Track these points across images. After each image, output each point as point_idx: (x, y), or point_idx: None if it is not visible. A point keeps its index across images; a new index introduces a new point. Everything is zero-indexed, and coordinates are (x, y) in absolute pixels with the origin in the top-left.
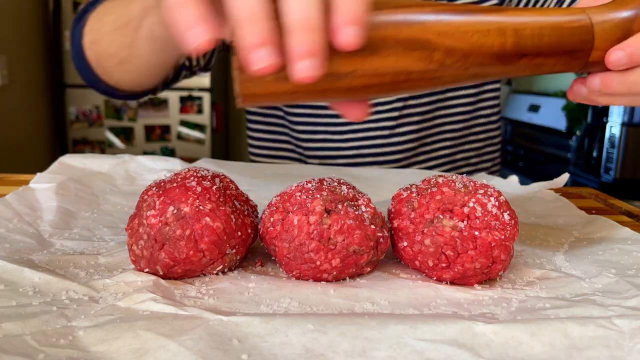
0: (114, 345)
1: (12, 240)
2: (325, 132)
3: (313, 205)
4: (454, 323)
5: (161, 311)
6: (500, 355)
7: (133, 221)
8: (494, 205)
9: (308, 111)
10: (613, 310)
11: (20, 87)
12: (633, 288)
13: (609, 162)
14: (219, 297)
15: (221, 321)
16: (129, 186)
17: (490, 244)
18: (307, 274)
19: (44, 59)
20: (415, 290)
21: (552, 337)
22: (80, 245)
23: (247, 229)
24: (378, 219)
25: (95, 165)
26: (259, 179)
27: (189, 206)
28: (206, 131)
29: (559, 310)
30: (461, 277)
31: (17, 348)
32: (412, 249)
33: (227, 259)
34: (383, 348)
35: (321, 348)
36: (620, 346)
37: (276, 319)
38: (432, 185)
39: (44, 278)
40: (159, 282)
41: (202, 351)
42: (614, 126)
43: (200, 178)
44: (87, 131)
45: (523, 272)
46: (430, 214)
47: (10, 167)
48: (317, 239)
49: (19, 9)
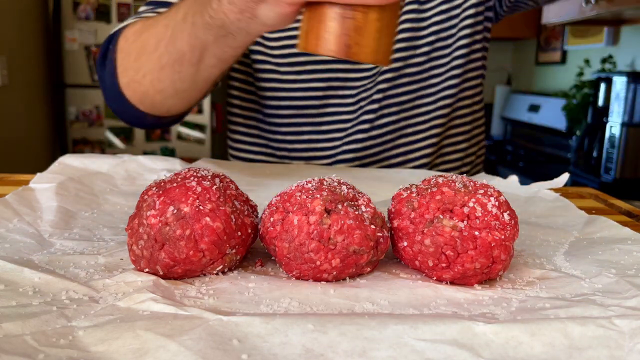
0: (114, 345)
1: (12, 240)
2: (310, 132)
3: (313, 205)
4: (454, 323)
5: (161, 311)
6: (500, 355)
7: (133, 221)
8: (494, 205)
9: (292, 112)
10: (613, 310)
11: (20, 87)
12: (633, 288)
13: (609, 162)
14: (219, 297)
15: (221, 321)
16: (129, 186)
17: (490, 244)
18: (307, 274)
19: (44, 59)
20: (415, 290)
21: (552, 337)
22: (80, 245)
23: (247, 229)
24: (378, 219)
25: (95, 165)
26: (259, 179)
27: (189, 206)
28: (206, 131)
29: (559, 310)
30: (461, 277)
31: (17, 348)
32: (412, 249)
33: (227, 259)
34: (383, 348)
35: (321, 348)
36: (620, 346)
37: (276, 319)
38: (432, 185)
39: (44, 278)
40: (159, 282)
41: (202, 351)
42: (614, 126)
43: (200, 178)
44: (87, 131)
45: (523, 272)
46: (430, 214)
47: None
48: (317, 239)
49: (19, 9)
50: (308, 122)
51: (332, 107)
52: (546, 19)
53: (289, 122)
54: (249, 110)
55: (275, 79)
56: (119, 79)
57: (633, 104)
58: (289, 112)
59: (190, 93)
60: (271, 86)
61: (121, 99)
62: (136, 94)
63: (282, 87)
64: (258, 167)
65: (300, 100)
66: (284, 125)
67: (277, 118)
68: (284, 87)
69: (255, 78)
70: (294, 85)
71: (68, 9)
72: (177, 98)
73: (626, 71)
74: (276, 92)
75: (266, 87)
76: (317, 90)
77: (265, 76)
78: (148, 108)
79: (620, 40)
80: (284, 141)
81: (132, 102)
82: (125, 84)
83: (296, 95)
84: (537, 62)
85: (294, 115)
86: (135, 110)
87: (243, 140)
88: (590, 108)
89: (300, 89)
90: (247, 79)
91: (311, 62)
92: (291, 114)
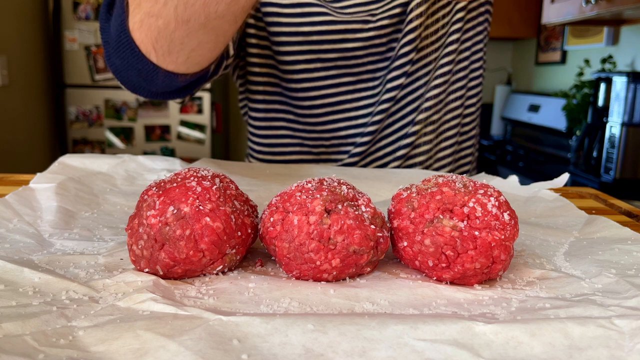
0: (114, 345)
1: (12, 240)
2: (345, 127)
3: (313, 205)
4: (454, 323)
5: (161, 311)
6: (500, 355)
7: (133, 221)
8: (494, 205)
9: (327, 110)
10: (613, 310)
11: (20, 87)
12: (633, 288)
13: (609, 162)
14: (219, 297)
15: (221, 321)
16: (129, 186)
17: (490, 244)
18: (307, 274)
19: (44, 59)
20: (415, 290)
21: (552, 337)
22: (80, 245)
23: (247, 229)
24: (378, 219)
25: (95, 165)
26: (259, 179)
27: (189, 206)
28: (206, 131)
29: (559, 310)
30: (461, 277)
31: (17, 348)
32: (412, 249)
33: (227, 259)
34: (383, 348)
35: (321, 348)
36: (620, 346)
37: (276, 319)
38: (432, 185)
39: (44, 278)
40: (159, 282)
41: (202, 351)
42: (614, 126)
43: (200, 178)
44: (87, 131)
45: (523, 272)
46: (430, 214)
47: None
48: (317, 239)
49: (19, 9)
50: (342, 117)
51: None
52: (546, 19)
53: (324, 120)
54: (275, 112)
55: (303, 68)
56: (130, 19)
57: (633, 104)
58: (324, 110)
59: (223, 23)
60: (303, 86)
61: (128, 48)
62: (151, 33)
63: (313, 85)
64: (258, 167)
65: (333, 96)
66: (320, 124)
67: (312, 117)
68: (315, 85)
69: (280, 79)
70: (324, 83)
71: (68, 9)
72: (205, 31)
73: (626, 71)
74: (308, 91)
75: (297, 86)
76: (347, 85)
77: (296, 77)
78: (162, 54)
79: (620, 40)
80: (321, 138)
81: (143, 50)
82: (137, 23)
83: (328, 92)
84: (537, 62)
85: (329, 112)
86: (144, 64)
87: (273, 143)
88: (590, 108)
89: (331, 86)
90: (269, 80)
91: (338, 59)
92: (326, 112)
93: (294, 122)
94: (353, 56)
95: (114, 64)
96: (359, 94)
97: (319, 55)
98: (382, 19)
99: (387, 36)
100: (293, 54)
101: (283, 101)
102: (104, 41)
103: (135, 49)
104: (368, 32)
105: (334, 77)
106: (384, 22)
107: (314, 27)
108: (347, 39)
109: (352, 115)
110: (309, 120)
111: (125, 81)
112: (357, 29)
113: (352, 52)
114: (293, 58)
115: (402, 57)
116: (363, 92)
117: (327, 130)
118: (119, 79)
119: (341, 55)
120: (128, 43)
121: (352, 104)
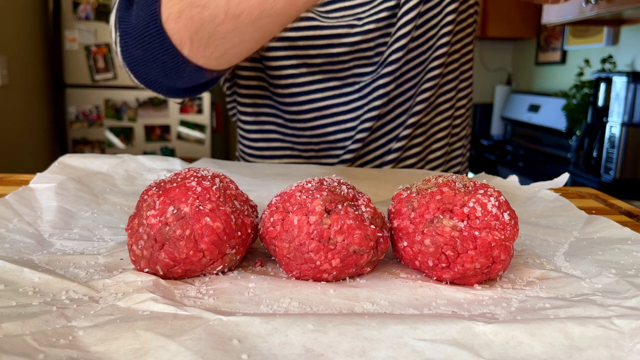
0: (114, 345)
1: (12, 240)
2: (332, 123)
3: (313, 205)
4: (454, 323)
5: (161, 311)
6: (500, 355)
7: (133, 221)
8: (494, 205)
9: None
10: (613, 310)
11: (20, 87)
12: (633, 288)
13: (609, 162)
14: (219, 297)
15: (221, 321)
16: (129, 186)
17: (490, 244)
18: (307, 274)
19: (44, 59)
20: (415, 290)
21: (552, 337)
22: (80, 245)
23: (247, 229)
24: (378, 219)
25: (95, 165)
26: (259, 179)
27: (189, 206)
28: (206, 131)
29: (559, 310)
30: (461, 277)
31: (17, 348)
32: (412, 249)
33: (227, 259)
34: (383, 348)
35: (321, 348)
36: (620, 346)
37: (276, 319)
38: (432, 185)
39: (44, 278)
40: (159, 282)
41: (202, 351)
42: (614, 126)
43: (200, 178)
44: (87, 131)
45: (523, 272)
46: (430, 214)
47: (10, 167)
48: (317, 239)
49: (19, 9)
50: (330, 122)
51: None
52: (546, 19)
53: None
54: (265, 115)
55: (293, 83)
56: (164, 9)
57: (633, 104)
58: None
59: (274, 22)
60: (290, 92)
61: (156, 38)
62: (192, 24)
63: (300, 90)
64: (258, 167)
65: (320, 101)
66: (308, 129)
67: (300, 123)
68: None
69: (270, 84)
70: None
71: (68, 9)
72: (253, 29)
73: (626, 71)
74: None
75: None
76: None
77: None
78: (198, 47)
79: (620, 40)
80: (310, 143)
81: (175, 41)
82: (174, 13)
83: (315, 97)
84: (537, 62)
85: (317, 117)
86: (172, 55)
87: (263, 147)
88: (590, 108)
89: (317, 90)
90: (258, 84)
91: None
92: (314, 117)
93: (283, 127)
94: (339, 61)
95: (132, 55)
96: (346, 98)
97: (305, 61)
98: (368, 22)
99: (373, 40)
100: (279, 59)
101: (272, 105)
102: (122, 31)
103: (165, 39)
104: (354, 36)
105: (320, 82)
106: (370, 26)
107: (300, 33)
108: (333, 44)
109: (340, 120)
110: (297, 125)
111: (141, 74)
112: (343, 34)
113: (338, 57)
114: (280, 63)
115: (392, 63)
116: (350, 95)
117: (315, 135)
118: (133, 72)
119: (327, 60)
120: (158, 33)
121: (339, 108)
